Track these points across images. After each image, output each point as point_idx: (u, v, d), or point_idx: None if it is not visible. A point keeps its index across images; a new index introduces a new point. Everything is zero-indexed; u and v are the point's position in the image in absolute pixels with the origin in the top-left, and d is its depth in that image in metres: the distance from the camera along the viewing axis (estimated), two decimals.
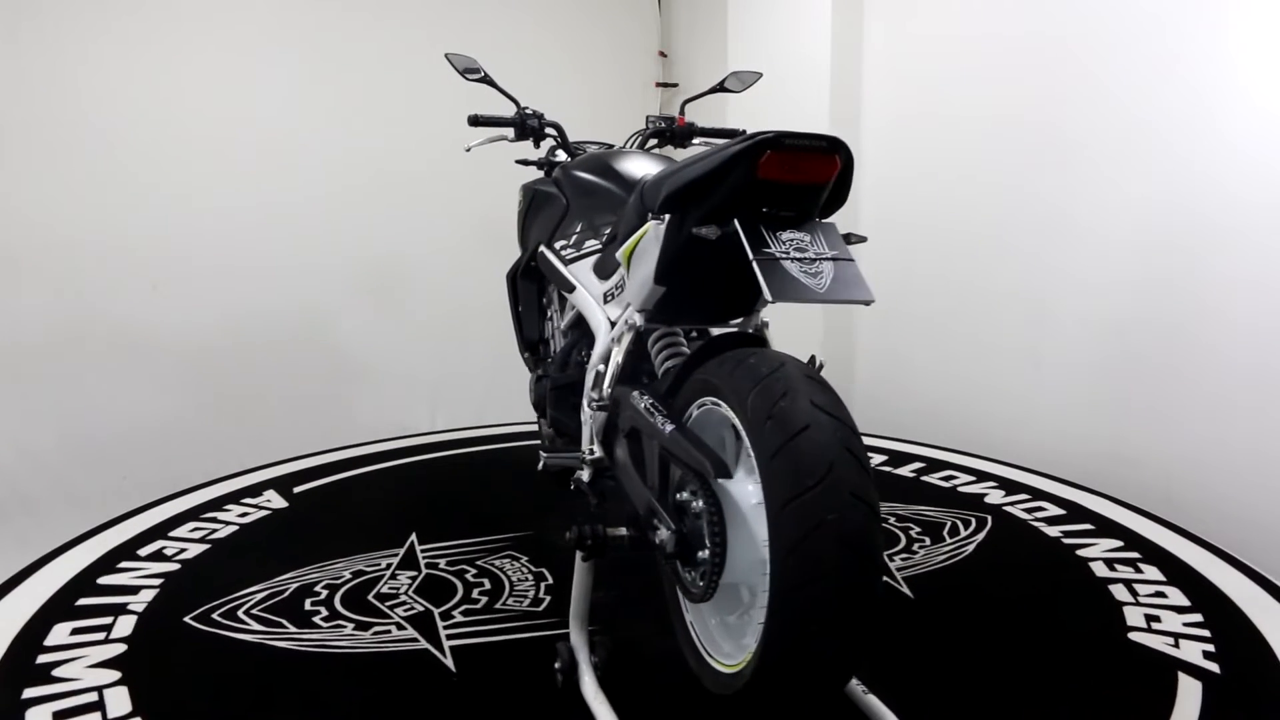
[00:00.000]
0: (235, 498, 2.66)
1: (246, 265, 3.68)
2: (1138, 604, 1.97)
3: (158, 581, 2.07)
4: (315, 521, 2.52)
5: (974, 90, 3.24)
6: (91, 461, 3.26)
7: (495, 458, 3.24)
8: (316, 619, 1.90)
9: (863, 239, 1.46)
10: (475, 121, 2.38)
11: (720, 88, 2.53)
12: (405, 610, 1.95)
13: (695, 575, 1.48)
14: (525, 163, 2.57)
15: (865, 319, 3.65)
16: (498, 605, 1.98)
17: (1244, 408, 2.52)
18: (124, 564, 2.16)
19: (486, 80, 2.39)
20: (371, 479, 2.94)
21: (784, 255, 1.32)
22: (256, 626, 1.85)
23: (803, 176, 1.34)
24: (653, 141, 2.54)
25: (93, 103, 3.30)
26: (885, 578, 2.10)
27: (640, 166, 2.12)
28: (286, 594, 2.01)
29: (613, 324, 1.93)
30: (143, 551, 2.24)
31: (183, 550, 2.25)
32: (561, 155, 2.52)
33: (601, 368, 1.91)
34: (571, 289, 2.12)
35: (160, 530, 2.38)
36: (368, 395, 3.97)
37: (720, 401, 1.45)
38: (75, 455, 3.24)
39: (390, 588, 2.06)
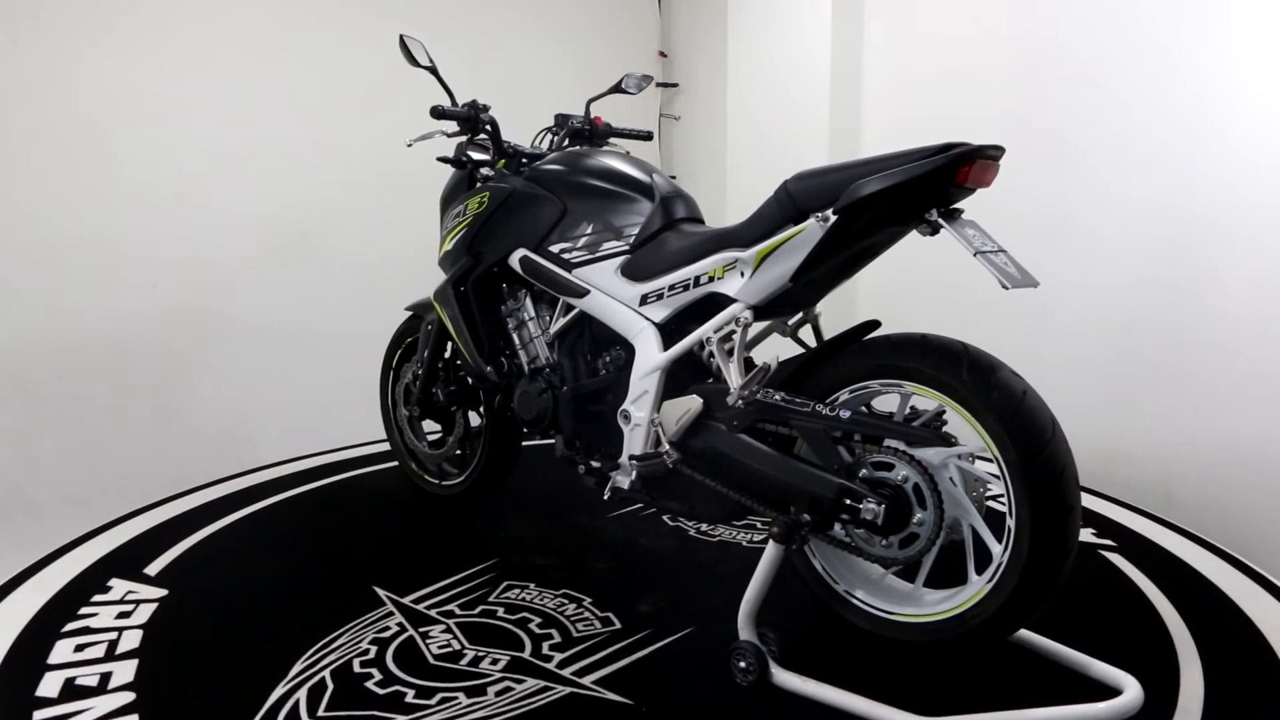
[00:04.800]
0: (80, 596, 1.98)
1: (246, 266, 3.58)
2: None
3: (132, 719, 1.51)
4: (231, 599, 2.01)
5: (974, 90, 3.24)
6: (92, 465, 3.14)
7: (371, 485, 2.89)
8: (410, 698, 1.59)
9: None
10: (439, 114, 2.12)
11: (618, 88, 2.56)
12: (493, 664, 1.72)
13: (894, 541, 1.61)
14: (446, 160, 2.33)
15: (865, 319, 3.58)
16: (575, 635, 1.85)
17: (1245, 407, 2.51)
18: (44, 713, 1.52)
19: (433, 70, 2.15)
20: (234, 534, 2.42)
21: (985, 250, 1.53)
22: None
23: (982, 182, 1.56)
24: (565, 141, 2.48)
25: (93, 103, 3.20)
26: None
27: (639, 169, 2.12)
28: (330, 685, 1.63)
29: (658, 325, 1.92)
30: (49, 691, 1.59)
31: (107, 674, 1.66)
32: (478, 154, 2.34)
33: (642, 378, 1.89)
34: (582, 293, 2.03)
35: (32, 661, 1.70)
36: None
37: (902, 381, 1.61)
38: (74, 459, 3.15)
39: (440, 648, 1.78)
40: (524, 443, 2.61)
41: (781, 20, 3.71)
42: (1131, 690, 1.50)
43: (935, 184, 1.52)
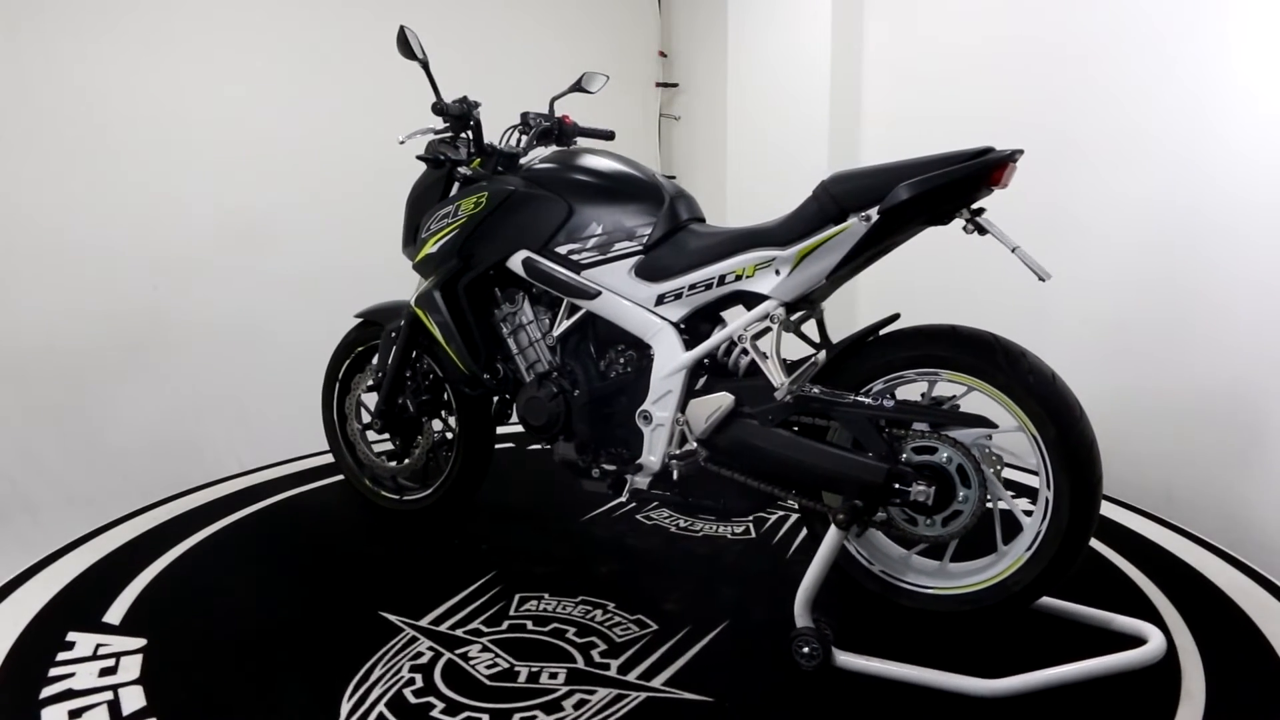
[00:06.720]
0: (40, 657, 1.73)
1: (246, 266, 3.57)
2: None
3: None
4: (225, 640, 1.83)
5: (974, 91, 3.22)
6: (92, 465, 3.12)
7: (328, 500, 2.69)
8: None
9: None
10: (439, 110, 2.02)
11: (577, 87, 2.53)
12: (553, 679, 1.67)
13: (936, 520, 1.72)
14: (424, 158, 2.21)
15: (864, 319, 3.45)
16: (619, 640, 1.82)
17: (1245, 407, 2.48)
18: None
19: (424, 65, 2.05)
20: (190, 566, 2.20)
21: (1014, 246, 1.66)
22: None
23: (1006, 184, 1.69)
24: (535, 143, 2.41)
25: (94, 102, 3.21)
26: None
27: (641, 169, 2.12)
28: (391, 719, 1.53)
29: (676, 325, 1.94)
30: None
31: None
32: (454, 153, 2.25)
33: (665, 378, 1.90)
34: (593, 295, 2.01)
35: None
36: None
37: (939, 370, 1.73)
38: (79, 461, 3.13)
39: (489, 668, 1.71)
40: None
41: (781, 20, 3.71)
42: (1156, 637, 1.68)
43: (972, 186, 1.64)
